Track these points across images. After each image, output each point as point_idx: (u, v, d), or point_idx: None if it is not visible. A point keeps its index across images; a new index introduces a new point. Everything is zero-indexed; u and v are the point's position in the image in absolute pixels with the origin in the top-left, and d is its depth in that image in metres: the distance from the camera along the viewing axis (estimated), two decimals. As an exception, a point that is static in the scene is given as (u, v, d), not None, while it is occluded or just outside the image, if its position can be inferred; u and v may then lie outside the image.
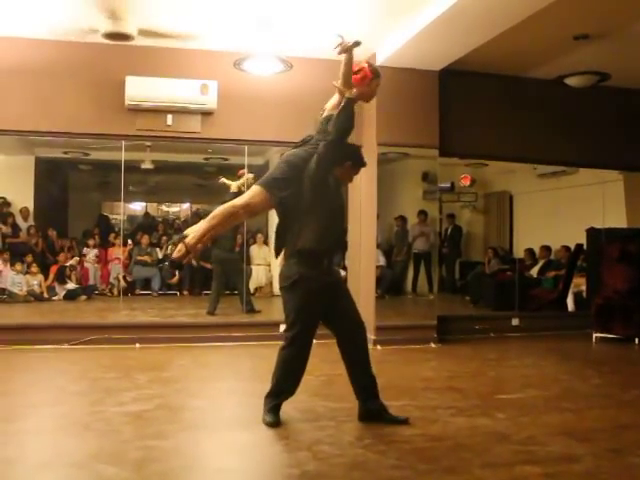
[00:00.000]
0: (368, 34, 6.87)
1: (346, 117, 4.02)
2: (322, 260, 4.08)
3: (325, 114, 4.35)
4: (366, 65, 4.34)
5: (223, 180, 8.85)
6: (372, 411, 4.14)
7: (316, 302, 4.05)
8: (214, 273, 8.93)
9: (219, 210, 4.03)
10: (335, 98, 4.31)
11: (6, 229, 10.55)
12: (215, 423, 4.15)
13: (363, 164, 4.34)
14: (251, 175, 8.32)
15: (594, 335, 7.93)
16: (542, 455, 3.58)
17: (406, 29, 6.51)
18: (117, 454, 3.50)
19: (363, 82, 4.28)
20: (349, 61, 4.18)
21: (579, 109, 8.40)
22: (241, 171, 8.53)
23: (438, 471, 3.31)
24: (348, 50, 4.17)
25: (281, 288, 4.14)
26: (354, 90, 4.14)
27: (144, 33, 6.55)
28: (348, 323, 4.18)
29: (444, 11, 5.73)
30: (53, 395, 4.88)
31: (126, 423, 4.10)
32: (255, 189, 4.10)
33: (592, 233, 9.13)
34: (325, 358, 6.59)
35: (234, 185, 8.58)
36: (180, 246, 3.92)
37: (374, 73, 4.34)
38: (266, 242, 11.22)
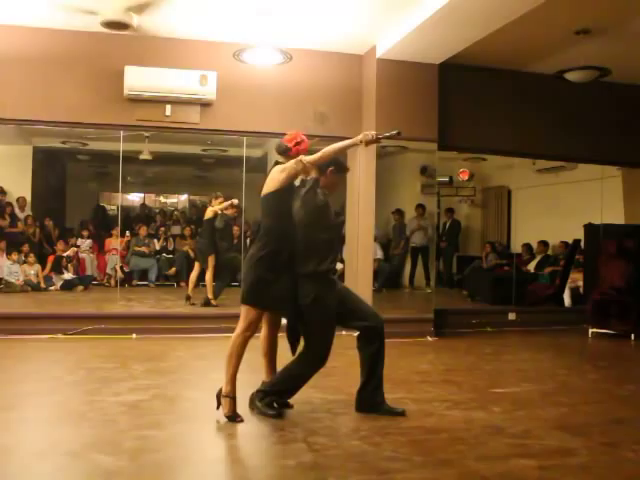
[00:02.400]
0: (368, 27, 6.88)
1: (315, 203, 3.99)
2: (331, 274, 4.12)
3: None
4: (305, 137, 4.23)
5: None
6: (372, 402, 4.15)
7: (334, 315, 4.09)
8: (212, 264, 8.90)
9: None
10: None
11: (3, 221, 10.51)
12: (211, 414, 4.14)
13: (345, 169, 4.34)
14: (236, 200, 8.47)
15: (590, 330, 7.94)
16: (537, 449, 3.59)
17: (406, 22, 6.49)
18: (113, 444, 3.50)
19: (298, 149, 4.18)
20: (348, 147, 4.04)
21: (579, 104, 8.39)
22: (228, 203, 8.49)
23: (433, 463, 3.32)
24: (375, 142, 4.07)
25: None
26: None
27: (135, 10, 6.40)
28: (360, 319, 4.24)
29: (444, 4, 5.71)
30: (49, 384, 4.87)
31: (122, 413, 4.10)
32: None
33: (590, 229, 9.14)
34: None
35: (210, 210, 8.51)
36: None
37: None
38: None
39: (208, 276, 8.45)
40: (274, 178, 4.03)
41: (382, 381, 4.22)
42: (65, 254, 10.58)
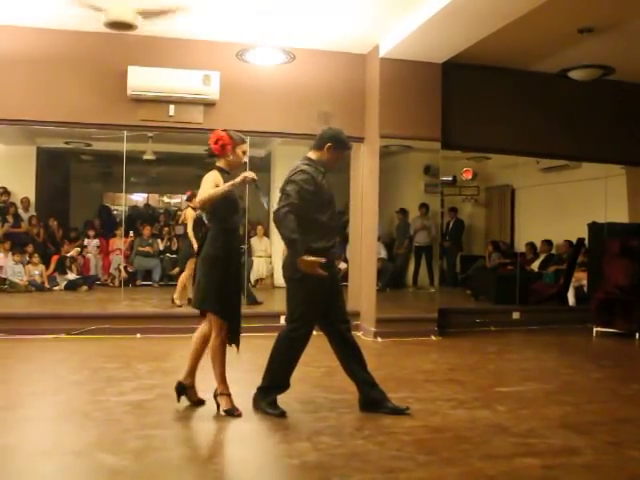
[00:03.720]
0: (371, 26, 6.86)
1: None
2: (326, 255, 4.11)
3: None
4: (224, 134, 4.21)
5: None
6: (375, 399, 4.16)
7: (321, 298, 4.12)
8: None
9: None
10: None
11: (6, 226, 10.53)
12: (214, 413, 4.15)
13: (344, 146, 4.30)
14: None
15: (595, 329, 7.92)
16: (542, 448, 3.59)
17: (409, 21, 6.48)
18: (117, 443, 3.51)
19: (225, 151, 4.20)
20: (231, 189, 4.06)
21: (582, 103, 8.37)
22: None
23: (438, 462, 3.32)
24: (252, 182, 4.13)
25: (288, 279, 4.17)
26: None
27: (142, 14, 6.41)
28: (339, 321, 4.26)
29: (447, 3, 5.70)
30: (54, 384, 4.88)
31: (126, 412, 4.11)
32: None
33: (594, 228, 9.11)
34: (325, 349, 6.61)
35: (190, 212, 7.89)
36: None
37: (234, 139, 4.23)
38: (267, 234, 11.23)
39: (183, 277, 8.33)
40: (205, 181, 4.13)
41: (373, 379, 4.22)
42: (69, 254, 10.61)
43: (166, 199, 15.49)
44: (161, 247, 11.50)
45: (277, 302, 9.30)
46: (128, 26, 6.32)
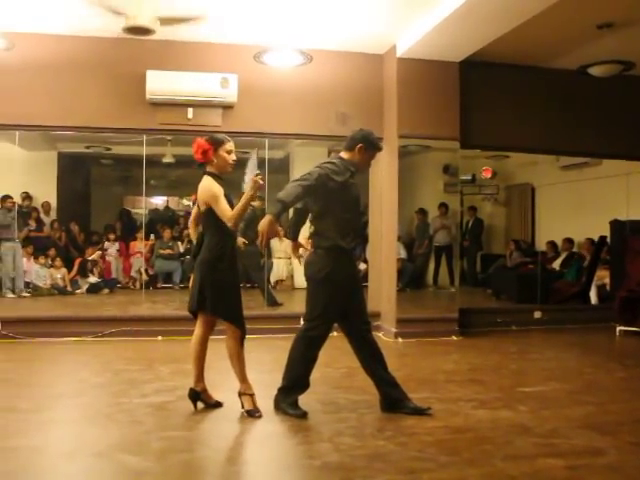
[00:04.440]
0: (388, 26, 6.85)
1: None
2: (348, 255, 4.15)
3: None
4: (202, 140, 4.16)
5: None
6: (396, 400, 4.15)
7: (342, 298, 4.14)
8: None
9: None
10: None
11: (26, 229, 10.61)
12: (236, 414, 4.17)
13: (375, 147, 4.28)
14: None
15: (617, 328, 7.84)
16: (565, 448, 3.56)
17: (426, 20, 6.46)
18: (140, 444, 3.54)
19: (208, 156, 4.14)
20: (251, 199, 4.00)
21: (602, 99, 8.28)
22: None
23: (460, 463, 3.30)
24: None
25: (309, 278, 4.18)
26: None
27: (161, 21, 6.48)
28: (360, 321, 4.27)
29: (464, 2, 5.68)
30: (77, 386, 4.94)
31: (149, 414, 4.14)
32: None
33: (616, 225, 9.01)
34: (345, 350, 6.60)
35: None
36: None
37: (213, 142, 4.16)
38: (287, 235, 11.21)
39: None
40: (208, 193, 4.06)
41: (394, 379, 4.21)
42: (90, 258, 10.71)
43: (186, 202, 15.57)
44: (181, 249, 11.55)
45: (297, 303, 9.30)
46: (146, 31, 6.36)
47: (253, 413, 4.09)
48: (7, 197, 9.63)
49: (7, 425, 3.87)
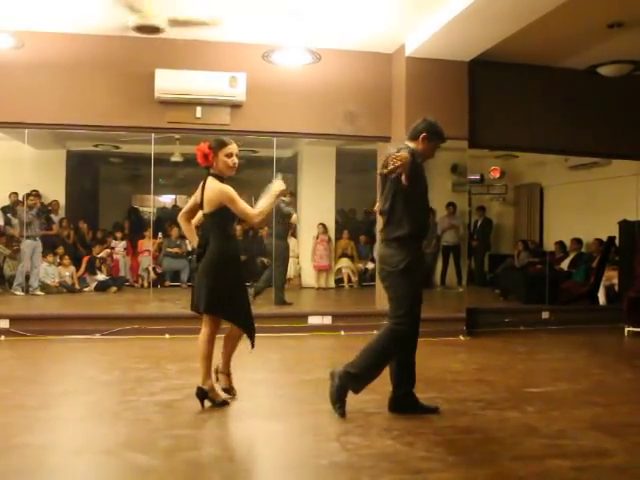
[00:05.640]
0: (397, 25, 6.85)
1: None
2: (421, 245, 4.14)
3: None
4: (203, 145, 4.24)
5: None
6: (404, 398, 4.13)
7: (421, 287, 4.13)
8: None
9: None
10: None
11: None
12: (244, 413, 4.18)
13: (441, 138, 4.24)
14: None
15: (626, 329, 7.80)
16: (573, 449, 3.54)
17: (435, 20, 6.45)
18: (147, 442, 3.55)
19: (209, 160, 4.22)
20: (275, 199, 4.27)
21: (612, 99, 8.24)
22: None
23: (467, 463, 3.29)
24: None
25: (389, 273, 4.08)
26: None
27: (172, 23, 6.54)
28: (389, 317, 4.20)
29: (473, 1, 5.66)
30: (85, 384, 4.96)
31: (156, 412, 4.15)
32: None
33: (625, 226, 8.97)
34: (353, 350, 6.59)
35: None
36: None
37: (213, 147, 4.23)
38: (294, 234, 11.23)
39: None
40: (224, 195, 4.12)
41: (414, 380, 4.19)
42: (99, 255, 10.75)
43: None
44: (189, 248, 11.57)
45: (305, 303, 9.33)
46: (156, 30, 6.38)
47: (230, 391, 4.38)
48: (29, 194, 9.70)
49: (15, 423, 3.88)
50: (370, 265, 11.67)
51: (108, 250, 11.04)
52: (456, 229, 9.61)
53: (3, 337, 6.77)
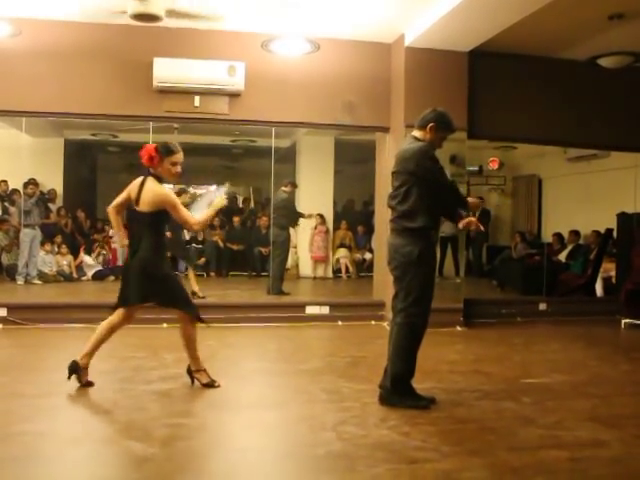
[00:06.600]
0: (396, 14, 6.81)
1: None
2: (432, 235, 4.17)
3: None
4: (150, 147, 4.31)
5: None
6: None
7: (433, 277, 4.19)
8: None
9: None
10: None
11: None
12: (240, 402, 4.19)
13: (450, 128, 4.23)
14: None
15: (623, 321, 7.82)
16: (569, 440, 3.56)
17: (435, 9, 6.41)
18: (145, 431, 3.55)
19: (154, 162, 4.30)
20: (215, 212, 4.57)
21: (612, 91, 8.21)
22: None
23: (463, 453, 3.31)
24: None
25: (400, 264, 4.11)
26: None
27: (171, 14, 6.55)
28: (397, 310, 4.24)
29: (474, -10, 5.64)
30: (82, 373, 4.95)
31: (153, 401, 4.16)
32: None
33: (623, 218, 8.98)
34: (350, 340, 6.62)
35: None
36: None
37: (160, 152, 4.30)
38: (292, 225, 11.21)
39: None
40: (165, 199, 4.26)
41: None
42: (110, 233, 10.81)
43: (192, 190, 15.58)
44: (187, 237, 11.57)
45: (302, 292, 9.35)
46: (154, 18, 6.34)
47: (212, 384, 4.42)
48: (29, 183, 9.69)
49: (13, 410, 3.89)
50: (368, 255, 11.68)
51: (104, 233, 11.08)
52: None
53: (1, 325, 6.78)
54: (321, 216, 11.46)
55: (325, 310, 7.48)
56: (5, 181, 10.71)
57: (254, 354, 5.99)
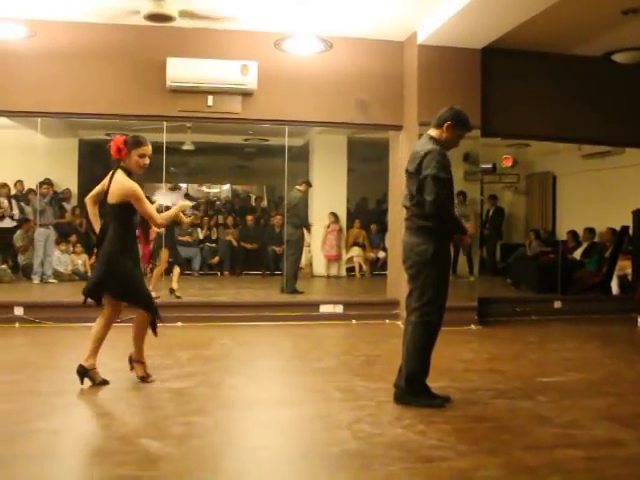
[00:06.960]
0: (409, 12, 6.79)
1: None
2: (447, 235, 4.19)
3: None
4: (119, 138, 4.41)
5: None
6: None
7: (448, 276, 4.21)
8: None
9: None
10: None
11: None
12: (255, 401, 4.20)
13: (466, 126, 4.21)
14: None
15: (639, 319, 7.76)
16: (585, 439, 3.54)
17: (448, 6, 6.38)
18: (160, 429, 3.57)
19: (121, 154, 4.41)
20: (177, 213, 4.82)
21: (627, 86, 8.13)
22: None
23: (479, 452, 3.29)
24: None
25: (414, 263, 4.12)
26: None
27: (185, 14, 6.57)
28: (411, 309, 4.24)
29: (487, -13, 5.61)
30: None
31: (168, 399, 4.18)
32: None
33: (639, 215, 8.90)
34: (364, 339, 6.61)
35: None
36: None
37: (128, 144, 4.39)
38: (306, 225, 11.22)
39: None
40: (129, 192, 4.40)
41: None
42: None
43: (205, 189, 15.65)
44: (201, 236, 11.62)
45: (316, 291, 9.35)
46: (167, 18, 6.37)
47: (146, 378, 4.50)
48: (43, 183, 9.76)
49: (29, 408, 3.92)
50: (381, 254, 11.66)
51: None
52: (466, 218, 9.57)
53: (17, 324, 6.84)
54: (334, 215, 11.46)
55: (339, 309, 7.48)
56: (21, 181, 10.79)
57: (268, 352, 6.00)
